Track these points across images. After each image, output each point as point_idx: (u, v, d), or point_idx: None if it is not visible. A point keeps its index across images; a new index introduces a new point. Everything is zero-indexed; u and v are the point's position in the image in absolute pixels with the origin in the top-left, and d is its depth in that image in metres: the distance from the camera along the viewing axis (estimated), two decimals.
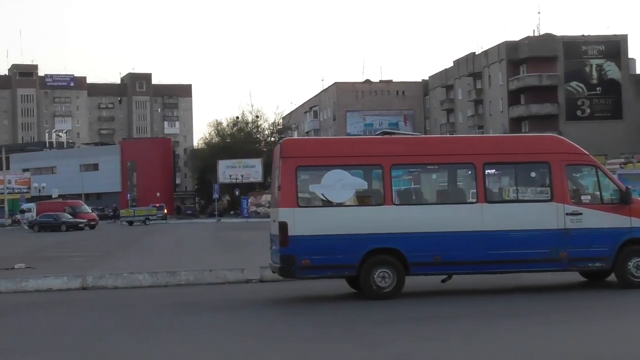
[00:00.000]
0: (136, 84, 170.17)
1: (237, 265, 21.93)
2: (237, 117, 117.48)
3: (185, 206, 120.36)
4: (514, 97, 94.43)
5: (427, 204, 16.60)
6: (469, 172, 16.55)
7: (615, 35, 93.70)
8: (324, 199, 16.18)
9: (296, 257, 15.74)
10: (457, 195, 16.79)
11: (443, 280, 17.28)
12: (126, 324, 14.38)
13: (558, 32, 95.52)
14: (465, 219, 16.08)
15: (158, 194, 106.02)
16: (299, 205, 15.85)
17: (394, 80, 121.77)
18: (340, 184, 16.06)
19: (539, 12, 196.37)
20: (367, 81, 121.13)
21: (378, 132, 19.66)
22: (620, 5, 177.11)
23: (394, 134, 18.97)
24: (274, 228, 16.53)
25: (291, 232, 15.66)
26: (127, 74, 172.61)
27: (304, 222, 15.73)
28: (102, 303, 17.31)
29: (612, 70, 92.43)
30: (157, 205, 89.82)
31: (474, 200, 16.37)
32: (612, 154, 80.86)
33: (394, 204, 16.08)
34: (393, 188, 16.25)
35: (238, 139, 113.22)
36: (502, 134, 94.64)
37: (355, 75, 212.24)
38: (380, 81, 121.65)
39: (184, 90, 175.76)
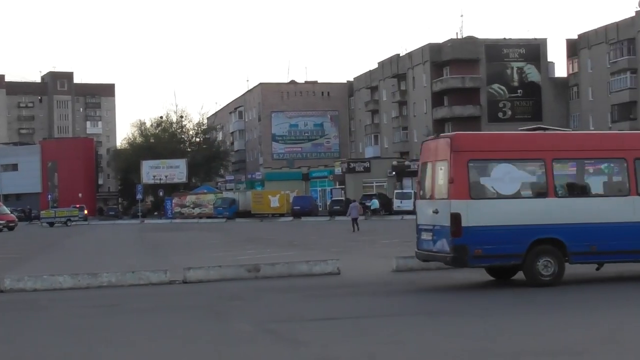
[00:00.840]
0: (57, 82, 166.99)
1: (160, 267, 21.65)
2: (161, 117, 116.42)
3: (108, 207, 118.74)
4: (437, 99, 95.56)
5: (585, 197, 17.68)
6: (622, 166, 17.63)
7: (535, 39, 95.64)
8: (494, 191, 17.16)
9: (469, 246, 16.55)
10: (611, 188, 18.12)
11: (597, 269, 18.29)
12: (45, 326, 14.04)
13: (480, 35, 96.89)
14: (619, 211, 17.28)
15: (80, 194, 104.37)
16: (471, 197, 16.66)
17: (319, 81, 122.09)
18: (508, 177, 17.10)
19: (461, 15, 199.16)
20: (293, 82, 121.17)
21: (531, 128, 20.58)
22: (540, 9, 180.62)
23: (548, 129, 19.76)
24: (428, 219, 17.67)
25: (464, 222, 16.49)
26: (47, 73, 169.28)
27: (475, 213, 16.59)
28: (20, 306, 16.88)
29: (532, 73, 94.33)
30: (78, 206, 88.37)
31: (627, 193, 17.45)
32: None
33: (556, 196, 17.09)
34: (555, 181, 17.21)
35: (162, 139, 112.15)
36: (427, 135, 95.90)
37: (280, 76, 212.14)
38: (306, 82, 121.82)
39: (107, 90, 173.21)
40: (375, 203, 69.12)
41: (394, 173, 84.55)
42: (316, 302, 16.29)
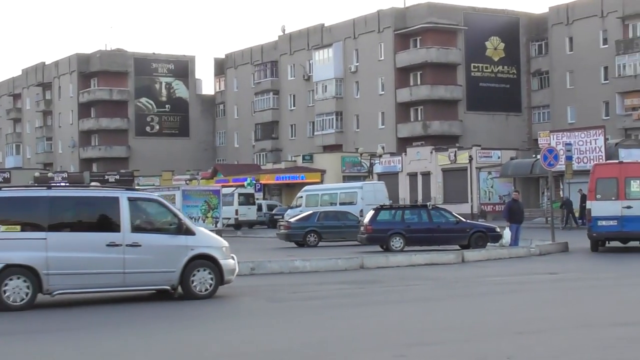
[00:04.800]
0: None
1: None
2: None
3: None
4: (84, 110, 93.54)
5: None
6: None
7: (184, 55, 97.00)
8: None
9: None
10: None
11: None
12: None
13: (130, 48, 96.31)
14: None
15: None
16: None
17: None
18: None
19: (111, 27, 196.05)
20: None
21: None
22: (189, 27, 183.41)
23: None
24: (615, 211, 26.37)
25: None
26: None
27: None
28: None
29: (180, 89, 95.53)
30: None
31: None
32: (179, 170, 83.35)
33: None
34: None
35: None
36: (73, 146, 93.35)
37: None
38: None
39: None
40: None
41: (36, 185, 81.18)
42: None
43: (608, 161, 35.25)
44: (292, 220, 36.58)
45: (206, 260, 16.46)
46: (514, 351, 10.86)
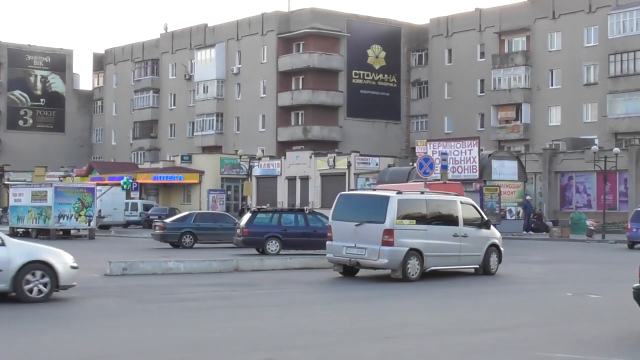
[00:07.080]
0: None
1: None
2: None
3: None
4: None
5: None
6: None
7: (61, 49, 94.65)
8: None
9: None
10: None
11: None
12: None
13: (3, 38, 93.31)
14: None
15: None
16: None
17: None
18: None
19: None
20: None
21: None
22: (67, 20, 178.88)
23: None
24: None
25: None
26: None
27: None
28: None
29: (57, 83, 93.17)
30: None
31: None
32: (53, 167, 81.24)
33: None
34: None
35: None
36: None
37: None
38: None
39: None
40: None
41: None
42: None
43: (435, 181, 36.75)
44: (168, 220, 36.12)
45: (494, 247, 22.63)
46: (381, 355, 10.96)
